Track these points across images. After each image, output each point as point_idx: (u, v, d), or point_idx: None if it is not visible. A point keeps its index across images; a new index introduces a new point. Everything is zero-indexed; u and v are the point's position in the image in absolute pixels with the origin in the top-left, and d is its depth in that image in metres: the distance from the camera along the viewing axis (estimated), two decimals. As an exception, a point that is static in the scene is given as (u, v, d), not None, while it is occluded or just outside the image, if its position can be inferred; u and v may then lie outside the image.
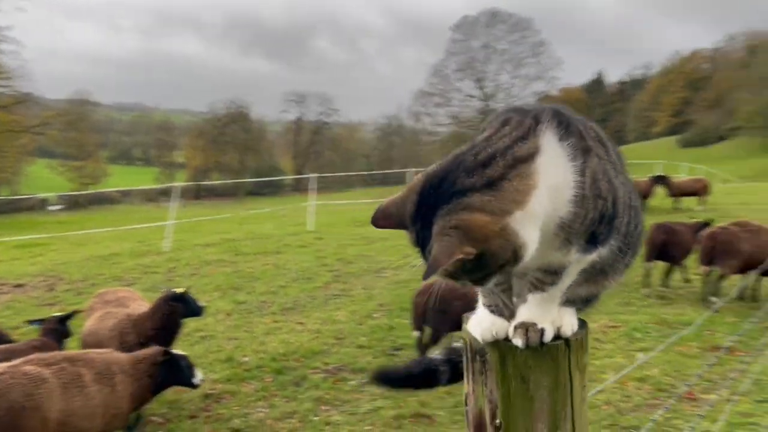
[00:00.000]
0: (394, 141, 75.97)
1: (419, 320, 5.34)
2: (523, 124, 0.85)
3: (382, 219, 0.93)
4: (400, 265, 9.39)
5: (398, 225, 0.91)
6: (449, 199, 0.80)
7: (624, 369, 5.16)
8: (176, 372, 4.02)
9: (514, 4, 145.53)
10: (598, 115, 73.74)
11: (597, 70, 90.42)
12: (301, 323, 6.99)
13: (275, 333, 6.61)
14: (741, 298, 6.95)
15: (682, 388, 4.75)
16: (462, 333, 0.95)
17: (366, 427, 4.49)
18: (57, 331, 4.77)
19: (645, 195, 14.89)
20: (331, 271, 9.80)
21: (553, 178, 0.81)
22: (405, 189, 0.90)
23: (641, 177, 15.98)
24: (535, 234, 0.80)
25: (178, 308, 4.80)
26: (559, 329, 0.90)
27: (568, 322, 0.92)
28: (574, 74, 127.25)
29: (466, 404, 0.92)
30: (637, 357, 5.45)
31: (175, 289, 4.94)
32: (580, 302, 0.96)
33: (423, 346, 5.28)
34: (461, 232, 0.77)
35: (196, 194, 47.29)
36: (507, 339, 0.88)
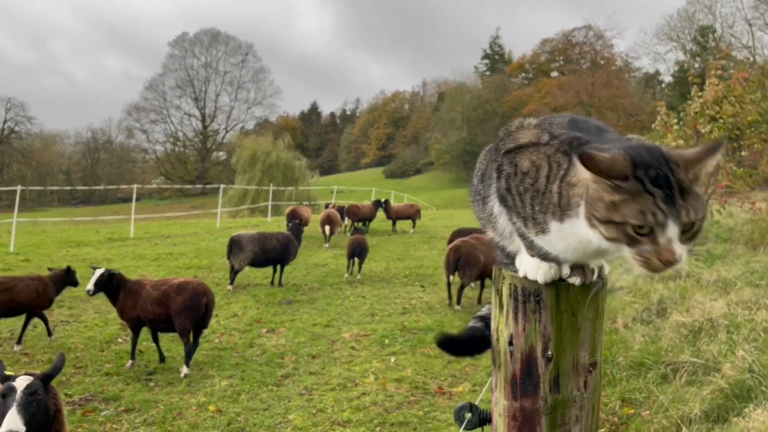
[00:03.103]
0: (101, 157, 69.77)
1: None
2: None
3: None
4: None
5: None
6: None
7: (382, 372, 5.59)
8: None
9: (231, 28, 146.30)
10: (313, 144, 78.03)
11: (312, 101, 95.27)
12: (26, 354, 6.04)
13: (-6, 367, 5.57)
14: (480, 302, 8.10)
15: (433, 385, 5.32)
16: (510, 279, 1.04)
17: (132, 458, 4.09)
18: None
19: (370, 218, 16.26)
20: (51, 295, 8.59)
21: None
22: None
23: (366, 201, 17.40)
24: None
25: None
26: (600, 269, 1.05)
27: (605, 263, 1.07)
28: (291, 103, 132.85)
29: (511, 344, 1.01)
30: (391, 360, 5.93)
31: None
32: None
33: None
34: None
35: None
36: (560, 279, 0.99)
